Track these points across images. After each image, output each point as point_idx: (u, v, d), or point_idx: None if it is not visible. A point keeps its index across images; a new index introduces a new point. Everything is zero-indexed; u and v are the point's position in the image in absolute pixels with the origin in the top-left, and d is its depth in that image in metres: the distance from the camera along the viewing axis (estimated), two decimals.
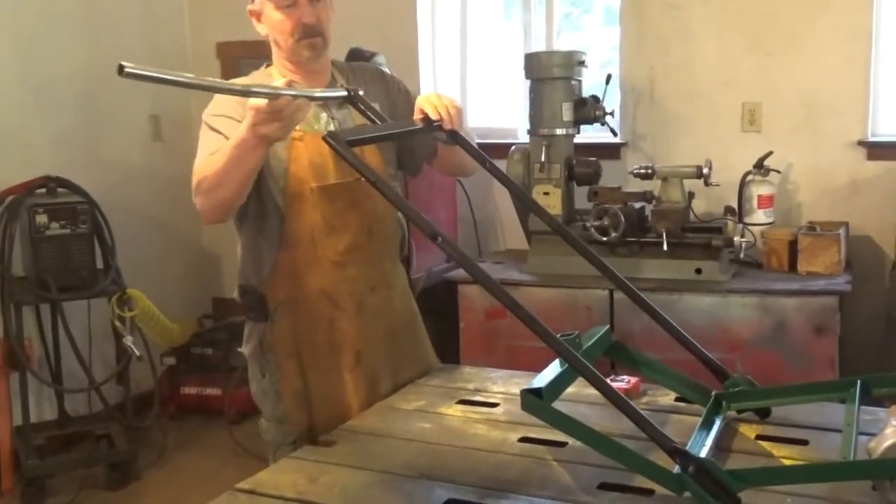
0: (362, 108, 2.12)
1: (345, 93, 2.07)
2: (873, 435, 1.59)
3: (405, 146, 2.44)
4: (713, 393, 1.93)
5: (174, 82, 1.73)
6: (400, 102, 2.42)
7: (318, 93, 2.13)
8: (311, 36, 2.23)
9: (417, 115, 2.19)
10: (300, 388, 2.30)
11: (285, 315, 2.30)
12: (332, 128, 2.23)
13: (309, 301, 2.29)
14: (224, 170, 2.08)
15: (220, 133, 2.20)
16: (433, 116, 2.16)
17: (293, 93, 1.94)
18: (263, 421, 2.38)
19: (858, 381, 1.84)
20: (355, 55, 3.91)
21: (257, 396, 2.40)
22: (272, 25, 2.26)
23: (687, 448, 1.58)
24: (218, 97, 2.27)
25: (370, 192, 2.09)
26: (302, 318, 2.30)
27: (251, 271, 2.35)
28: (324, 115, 2.28)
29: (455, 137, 2.21)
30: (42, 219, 4.05)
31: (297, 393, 2.30)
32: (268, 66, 2.37)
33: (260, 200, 2.26)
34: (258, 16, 2.29)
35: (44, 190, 4.15)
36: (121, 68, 1.57)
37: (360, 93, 2.12)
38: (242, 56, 5.15)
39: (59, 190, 4.19)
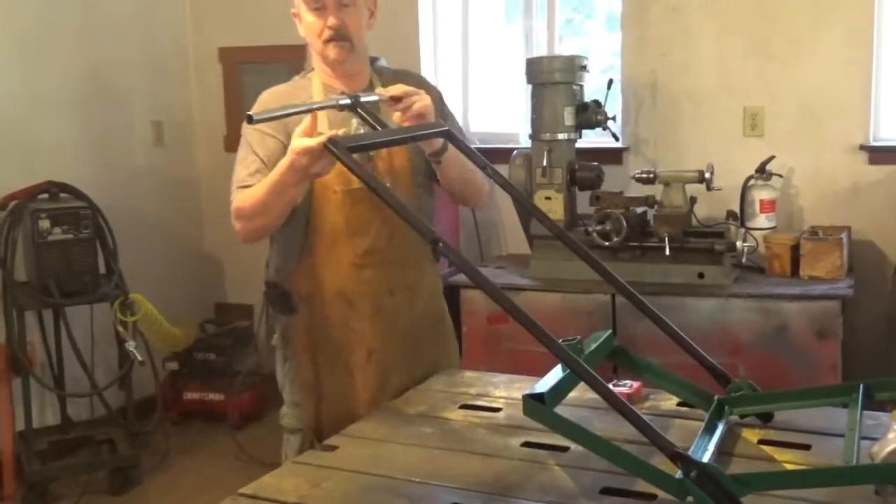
0: (364, 114, 2.14)
1: (348, 101, 2.10)
2: (876, 440, 1.59)
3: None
4: (715, 397, 1.93)
5: (292, 113, 2.06)
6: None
7: (322, 103, 2.16)
8: (337, 39, 2.32)
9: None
10: (312, 381, 2.42)
11: (304, 311, 2.41)
12: (362, 132, 2.29)
13: (326, 300, 2.39)
14: (264, 201, 2.21)
15: (253, 149, 2.33)
16: (393, 93, 2.20)
17: (304, 108, 2.05)
18: (284, 407, 2.50)
19: (861, 386, 1.84)
20: None
21: (280, 382, 2.52)
22: (306, 27, 2.36)
23: (689, 453, 1.58)
24: (256, 107, 2.37)
25: None
26: (318, 316, 2.40)
27: (276, 268, 2.46)
28: (354, 121, 2.33)
29: (451, 139, 2.23)
30: (45, 224, 4.05)
31: (309, 385, 2.43)
32: (310, 71, 2.47)
33: None
34: (299, 18, 2.38)
35: (46, 195, 4.16)
36: (249, 119, 1.91)
37: (363, 99, 2.14)
38: (244, 61, 5.17)
39: (62, 195, 4.20)
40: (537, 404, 1.69)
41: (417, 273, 2.49)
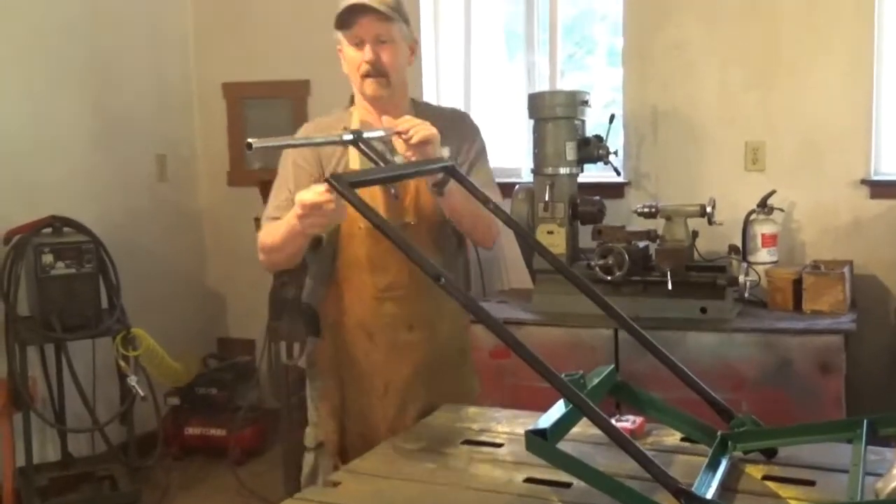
0: (365, 150, 2.15)
1: (351, 136, 2.12)
2: (880, 475, 1.58)
3: None
4: (719, 433, 1.92)
5: (293, 145, 2.26)
6: (461, 160, 2.49)
7: (325, 138, 2.19)
8: (374, 74, 2.39)
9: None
10: (337, 404, 2.50)
11: (329, 337, 2.50)
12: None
13: (348, 329, 2.48)
14: (280, 243, 2.33)
15: (286, 182, 2.44)
16: (400, 128, 2.24)
17: (307, 142, 2.19)
18: (308, 427, 2.58)
19: (865, 421, 1.83)
20: None
21: (308, 399, 2.61)
22: (347, 62, 2.44)
23: (693, 489, 1.57)
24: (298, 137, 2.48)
25: (416, 236, 2.32)
26: (341, 343, 2.49)
27: (310, 292, 2.58)
28: (398, 158, 2.35)
29: (453, 174, 2.24)
30: (48, 258, 4.06)
31: (334, 407, 2.50)
32: (352, 105, 2.54)
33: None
34: (343, 54, 2.46)
35: (49, 229, 4.17)
36: (249, 146, 1.88)
37: (366, 135, 2.15)
38: (248, 96, 5.21)
39: (65, 229, 4.20)
40: (540, 440, 1.68)
41: (438, 309, 2.50)
